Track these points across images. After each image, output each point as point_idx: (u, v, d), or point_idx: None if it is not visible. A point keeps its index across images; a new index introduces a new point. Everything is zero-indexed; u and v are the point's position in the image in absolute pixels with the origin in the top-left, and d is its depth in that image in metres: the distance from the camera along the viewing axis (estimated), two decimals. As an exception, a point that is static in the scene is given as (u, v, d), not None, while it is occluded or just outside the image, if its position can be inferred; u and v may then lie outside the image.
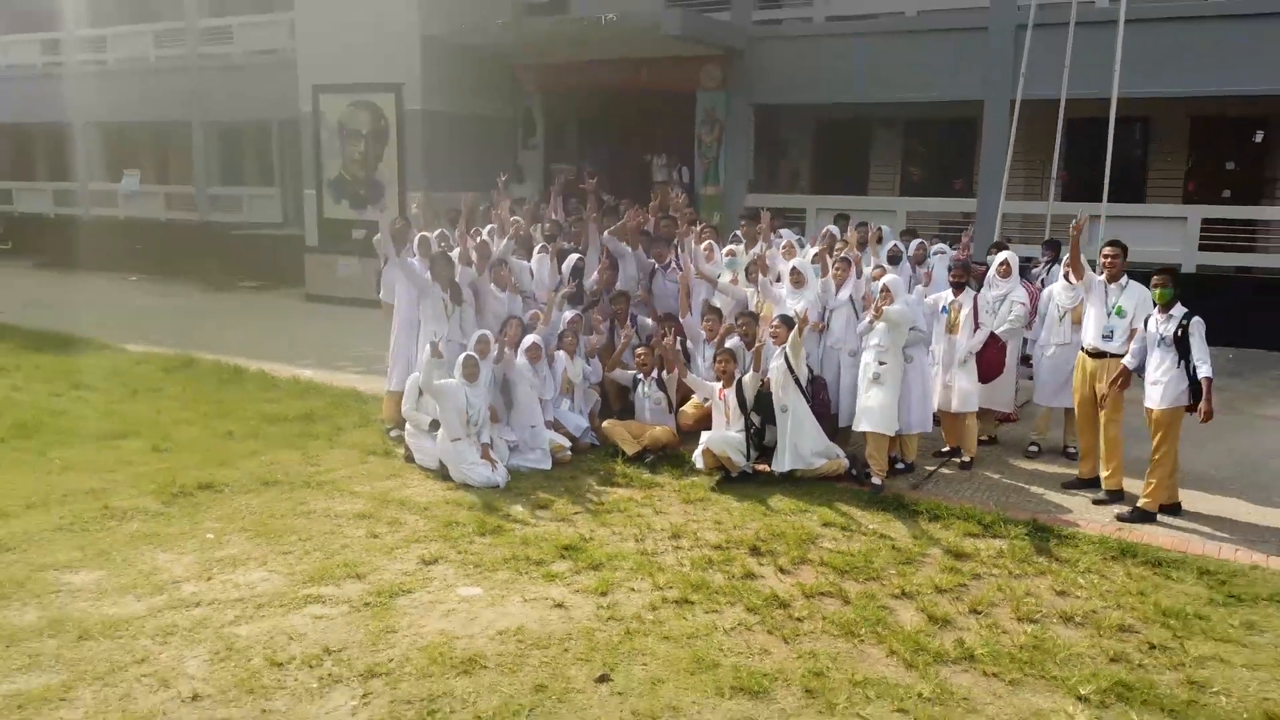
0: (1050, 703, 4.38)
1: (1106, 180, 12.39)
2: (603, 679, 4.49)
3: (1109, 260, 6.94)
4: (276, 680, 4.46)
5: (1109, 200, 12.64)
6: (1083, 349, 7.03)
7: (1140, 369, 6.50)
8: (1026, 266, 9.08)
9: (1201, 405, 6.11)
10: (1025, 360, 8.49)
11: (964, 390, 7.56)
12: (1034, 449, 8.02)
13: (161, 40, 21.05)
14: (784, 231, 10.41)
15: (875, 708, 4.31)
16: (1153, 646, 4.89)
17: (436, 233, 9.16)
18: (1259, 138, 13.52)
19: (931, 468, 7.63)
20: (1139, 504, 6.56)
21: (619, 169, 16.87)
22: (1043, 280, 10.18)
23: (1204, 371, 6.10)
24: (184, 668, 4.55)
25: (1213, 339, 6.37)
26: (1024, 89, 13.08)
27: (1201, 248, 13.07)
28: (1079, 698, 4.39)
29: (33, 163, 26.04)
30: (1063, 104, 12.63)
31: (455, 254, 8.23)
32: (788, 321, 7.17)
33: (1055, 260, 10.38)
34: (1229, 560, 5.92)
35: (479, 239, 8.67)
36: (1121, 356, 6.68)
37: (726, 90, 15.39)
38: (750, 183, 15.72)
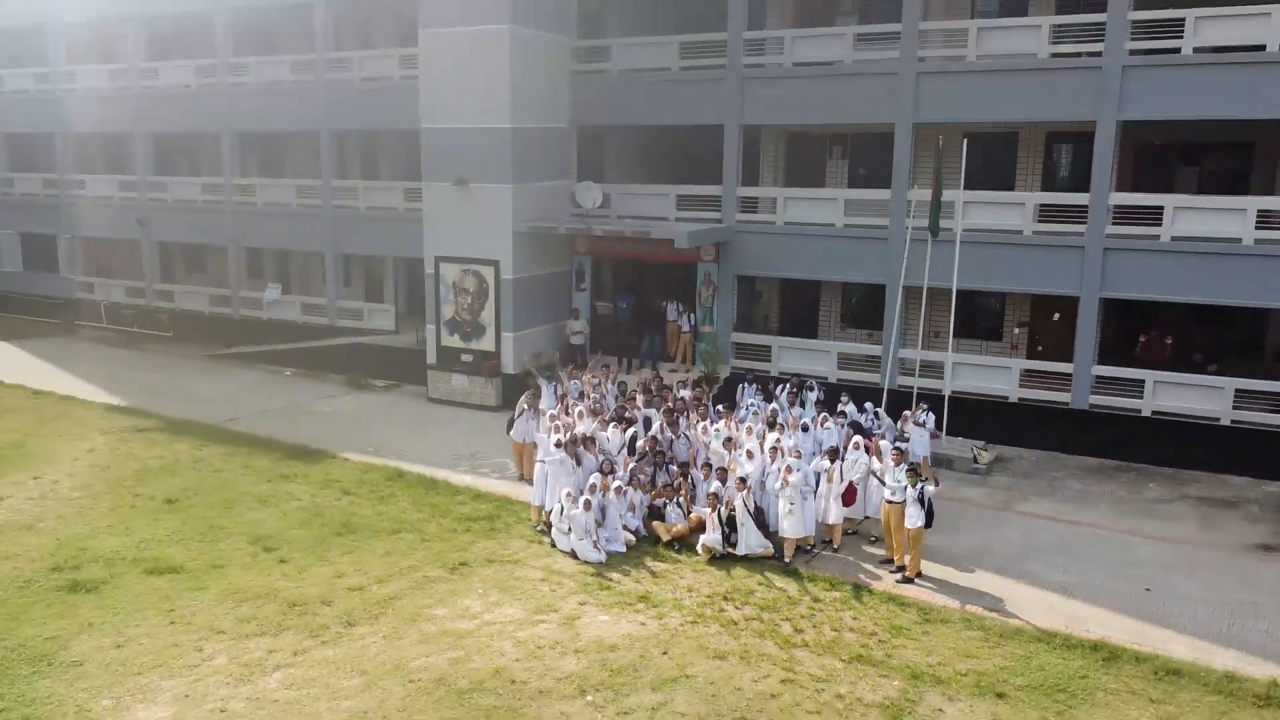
0: (830, 662, 11.79)
1: (951, 339, 19.92)
2: (665, 652, 11.91)
3: (894, 456, 14.36)
4: (543, 653, 11.87)
5: (957, 351, 20.22)
6: (885, 496, 14.47)
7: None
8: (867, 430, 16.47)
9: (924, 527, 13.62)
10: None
11: (836, 511, 14.99)
12: (874, 539, 15.43)
13: (301, 192, 28.46)
14: (746, 401, 17.98)
15: (765, 664, 11.72)
16: (881, 641, 12.30)
17: (551, 411, 16.65)
18: (1055, 317, 20.95)
19: (817, 550, 15.05)
20: (905, 574, 13.99)
21: (644, 313, 24.30)
22: (923, 419, 17.71)
23: (922, 520, 13.55)
24: (504, 649, 11.96)
25: (1025, 443, 14.11)
26: (906, 278, 20.57)
27: (1021, 386, 20.45)
28: (840, 659, 11.81)
29: (190, 270, 33.44)
30: (925, 290, 20.05)
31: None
32: (743, 480, 14.58)
33: (930, 409, 18.02)
34: (933, 602, 13.33)
35: (581, 427, 16.10)
36: (902, 504, 14.07)
37: (718, 263, 22.80)
38: (734, 325, 23.14)
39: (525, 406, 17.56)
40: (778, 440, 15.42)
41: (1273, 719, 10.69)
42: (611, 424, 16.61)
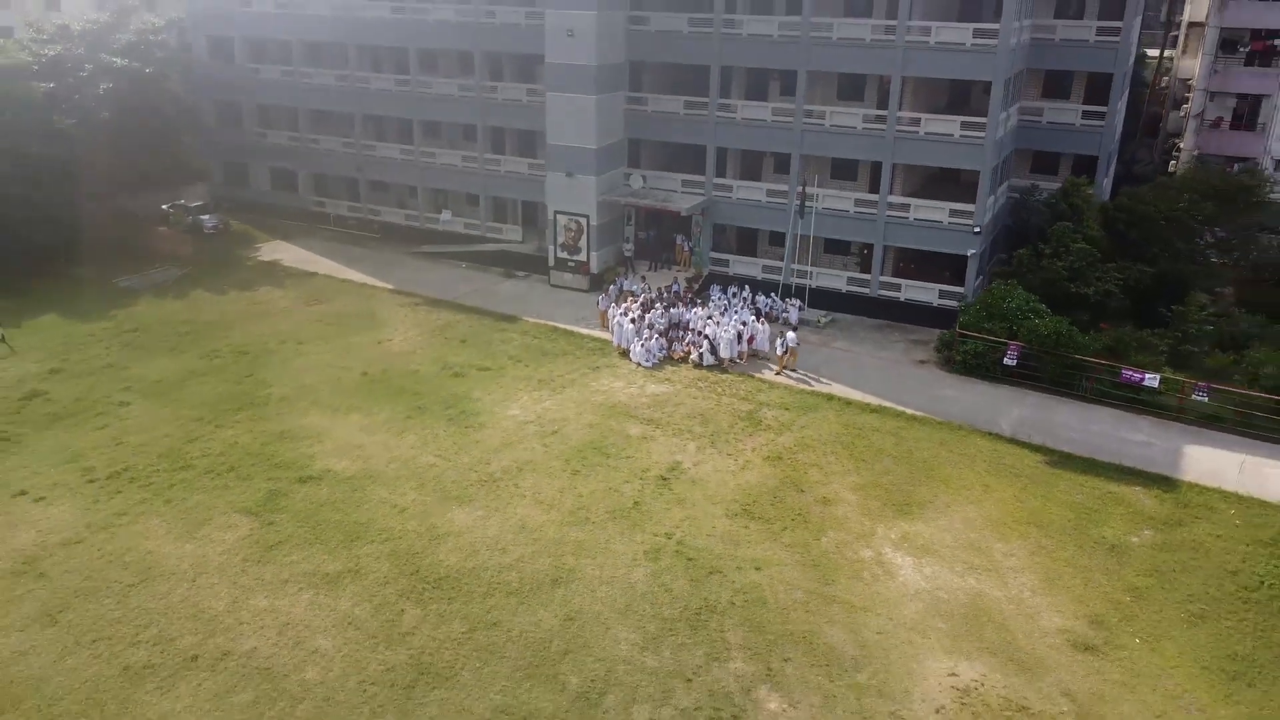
0: (734, 399, 33.97)
1: (810, 259, 41.50)
2: (676, 397, 34.12)
3: (776, 327, 36.18)
4: (632, 397, 34.01)
5: (819, 265, 41.90)
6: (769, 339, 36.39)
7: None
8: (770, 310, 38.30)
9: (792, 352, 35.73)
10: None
11: (745, 347, 36.98)
12: (764, 358, 37.40)
13: (465, 159, 48.98)
14: (714, 297, 39.88)
15: (710, 400, 33.89)
16: (754, 393, 34.46)
17: (624, 305, 38.46)
18: (866, 251, 42.38)
19: (737, 363, 37.06)
20: (782, 370, 36.10)
21: (663, 239, 45.62)
22: (796, 303, 39.66)
23: (794, 342, 35.56)
24: (619, 397, 34.08)
25: (847, 313, 35.80)
26: (793, 229, 41.85)
27: (848, 285, 41.99)
28: (737, 400, 34.02)
29: (374, 191, 54.11)
30: (798, 236, 41.38)
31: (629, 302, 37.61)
32: (708, 338, 36.51)
33: (801, 299, 40.00)
34: (778, 381, 35.44)
35: (637, 311, 37.93)
36: (776, 344, 35.93)
37: (704, 217, 43.89)
38: (713, 248, 44.43)
39: (604, 294, 39.22)
40: (722, 319, 37.28)
41: (876, 417, 32.87)
42: (651, 310, 38.34)
